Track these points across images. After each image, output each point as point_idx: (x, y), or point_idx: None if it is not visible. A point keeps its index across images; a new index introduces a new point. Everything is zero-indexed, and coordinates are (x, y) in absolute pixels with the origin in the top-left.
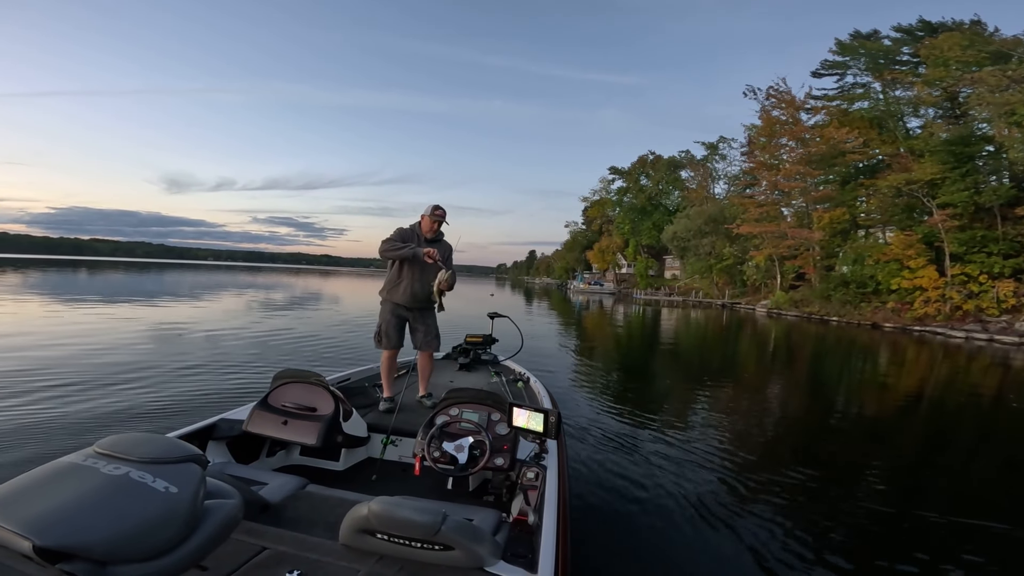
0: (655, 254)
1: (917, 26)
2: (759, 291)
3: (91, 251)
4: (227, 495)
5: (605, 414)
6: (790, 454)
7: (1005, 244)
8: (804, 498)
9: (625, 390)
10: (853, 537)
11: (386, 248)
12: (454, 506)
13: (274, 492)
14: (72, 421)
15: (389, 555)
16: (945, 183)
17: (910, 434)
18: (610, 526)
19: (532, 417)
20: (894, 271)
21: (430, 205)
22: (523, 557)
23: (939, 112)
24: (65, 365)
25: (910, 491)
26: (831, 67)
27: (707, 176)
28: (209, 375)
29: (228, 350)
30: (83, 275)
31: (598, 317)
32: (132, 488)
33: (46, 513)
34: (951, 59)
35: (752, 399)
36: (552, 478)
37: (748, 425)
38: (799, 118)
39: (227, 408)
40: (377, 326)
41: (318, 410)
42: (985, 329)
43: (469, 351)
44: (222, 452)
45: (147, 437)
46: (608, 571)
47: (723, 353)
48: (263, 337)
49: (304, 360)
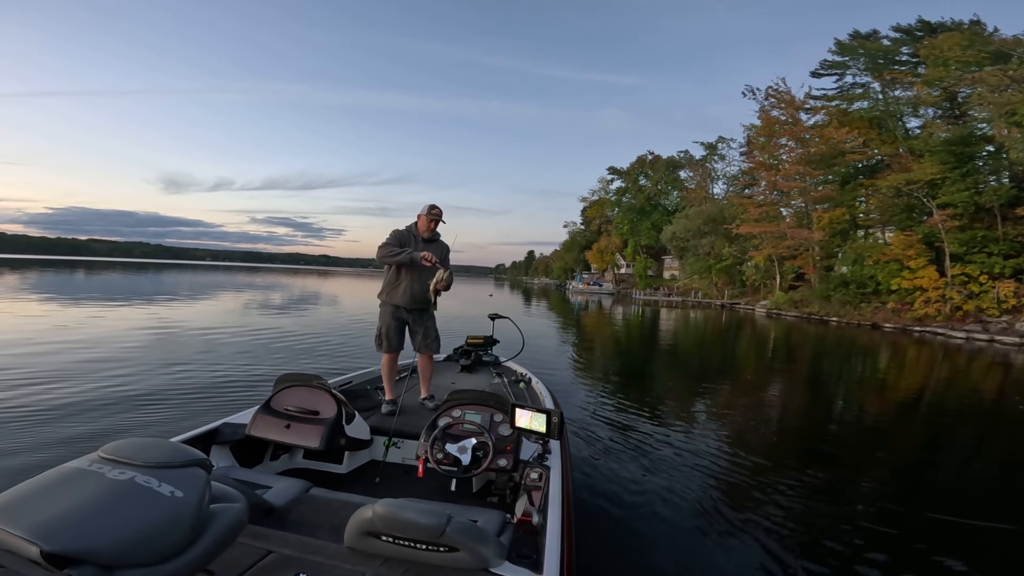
0: (654, 254)
1: (916, 26)
2: (758, 291)
3: (89, 251)
4: (232, 499)
5: (607, 414)
6: (792, 455)
7: (1005, 244)
8: (806, 498)
9: (627, 390)
10: (854, 538)
11: (383, 254)
12: (458, 507)
13: (278, 495)
14: (75, 426)
15: (394, 557)
16: (945, 183)
17: (911, 435)
18: (614, 526)
19: (535, 418)
20: (894, 271)
21: (426, 204)
22: (528, 558)
23: (938, 112)
24: (65, 369)
25: (911, 492)
26: (830, 67)
27: (706, 176)
28: (211, 379)
29: (229, 354)
30: (81, 276)
31: (598, 318)
32: (138, 493)
33: (53, 518)
34: (951, 59)
35: (753, 400)
36: (556, 478)
37: (749, 425)
38: (799, 118)
39: (230, 412)
40: (377, 329)
41: (321, 413)
42: (986, 330)
43: (470, 352)
44: (226, 456)
45: (151, 442)
46: (613, 571)
47: (723, 353)
48: (264, 340)
49: (305, 363)
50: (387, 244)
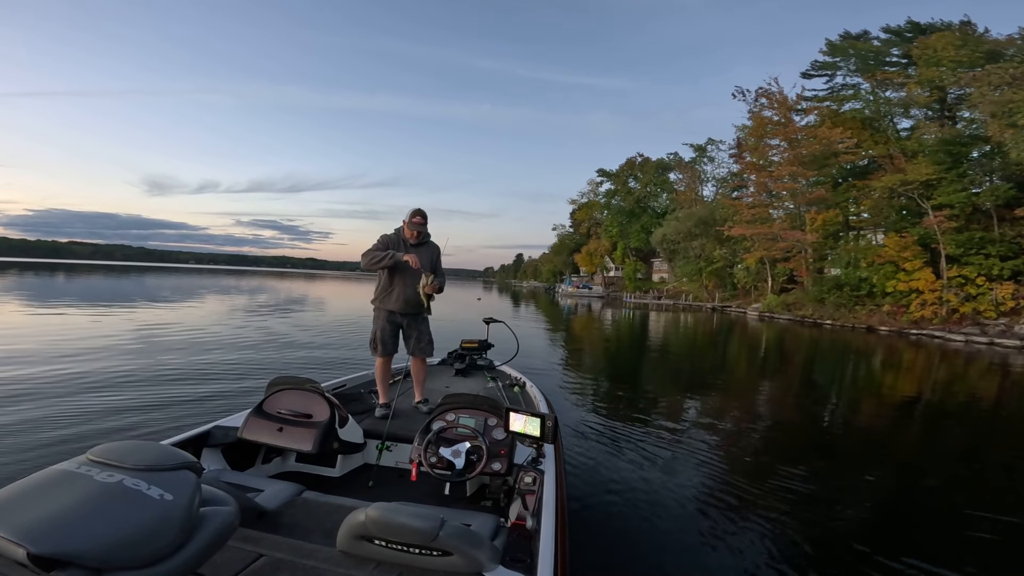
0: (643, 257)
1: (905, 27)
2: (749, 294)
3: (69, 254)
4: (223, 502)
5: (601, 419)
6: (786, 458)
7: (1003, 246)
8: (800, 502)
9: (621, 395)
10: (849, 540)
11: (368, 261)
12: (452, 511)
13: (270, 499)
14: (64, 429)
15: (387, 561)
16: (942, 184)
17: (908, 437)
18: (608, 530)
19: (529, 422)
20: (889, 273)
21: (410, 211)
22: (522, 562)
23: (929, 113)
24: (53, 372)
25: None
26: (821, 68)
27: (695, 178)
28: (201, 383)
29: (220, 357)
30: (61, 279)
31: (590, 322)
32: (126, 496)
33: (40, 521)
34: (944, 58)
35: (746, 403)
36: (550, 482)
37: (743, 429)
38: (791, 118)
39: (221, 415)
40: (372, 333)
41: (314, 416)
42: (984, 332)
43: (465, 356)
44: (217, 459)
45: (141, 444)
46: (607, 575)
47: (717, 357)
48: (254, 344)
49: (298, 367)
50: (371, 250)
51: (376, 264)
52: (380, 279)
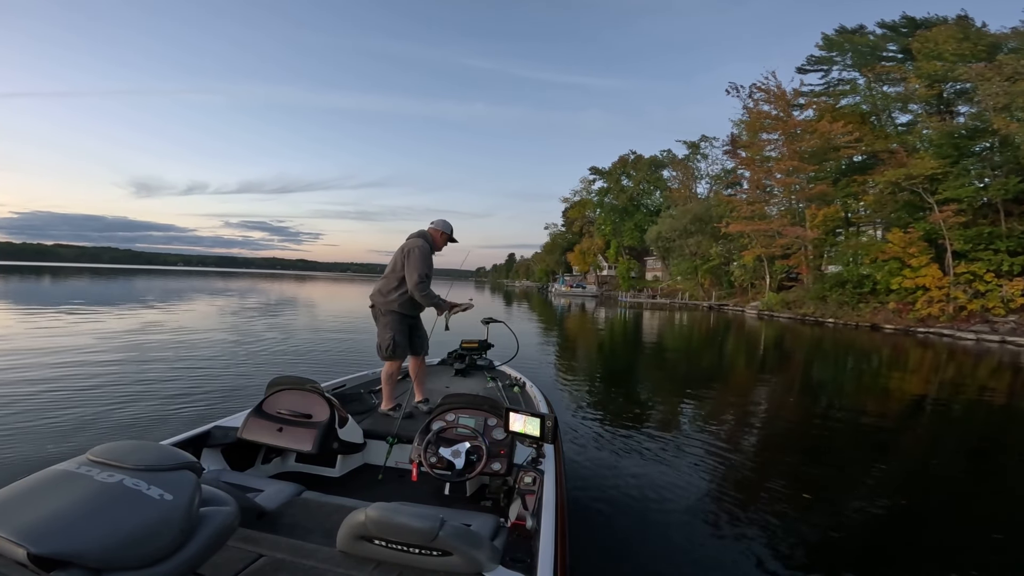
0: (637, 255)
1: (901, 22)
2: (746, 292)
3: (55, 256)
4: (223, 502)
5: (601, 419)
6: (786, 460)
7: (1012, 241)
8: (801, 503)
9: (620, 396)
10: (853, 542)
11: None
12: (452, 511)
13: (270, 499)
14: (64, 431)
15: (387, 561)
16: (948, 178)
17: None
18: (608, 530)
19: (529, 422)
20: (894, 270)
21: (448, 224)
22: (522, 562)
23: (927, 108)
24: (53, 373)
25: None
26: (817, 62)
27: (690, 175)
28: (201, 383)
29: (219, 358)
30: (47, 282)
31: (586, 322)
32: (126, 496)
33: (41, 521)
34: (945, 52)
35: (747, 402)
36: (549, 482)
37: (745, 428)
38: (790, 112)
39: (221, 416)
40: (390, 339)
41: (313, 417)
42: (995, 330)
43: (465, 356)
44: (217, 459)
45: (141, 445)
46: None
47: (716, 357)
48: (252, 345)
49: (297, 367)
50: (427, 279)
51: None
52: (390, 282)
